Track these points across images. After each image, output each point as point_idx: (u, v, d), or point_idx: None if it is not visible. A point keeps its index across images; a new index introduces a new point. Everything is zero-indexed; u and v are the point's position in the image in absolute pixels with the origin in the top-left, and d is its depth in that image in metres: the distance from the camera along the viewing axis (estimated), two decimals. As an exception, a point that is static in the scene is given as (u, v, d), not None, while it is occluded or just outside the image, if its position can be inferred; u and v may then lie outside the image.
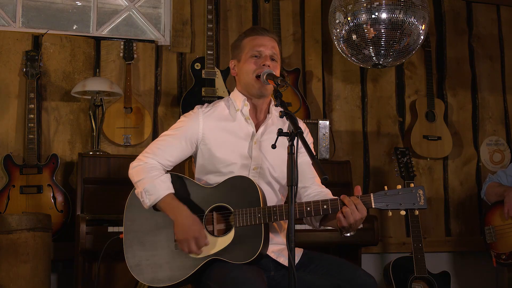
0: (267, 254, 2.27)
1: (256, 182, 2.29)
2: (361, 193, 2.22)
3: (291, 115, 2.10)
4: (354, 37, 3.57)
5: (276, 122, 2.46)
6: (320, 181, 2.46)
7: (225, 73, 4.09)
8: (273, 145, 2.11)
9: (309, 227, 2.51)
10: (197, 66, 4.06)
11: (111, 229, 3.24)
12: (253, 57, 2.41)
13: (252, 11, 4.46)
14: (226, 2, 4.39)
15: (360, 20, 3.51)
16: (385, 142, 4.63)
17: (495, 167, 4.76)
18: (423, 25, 3.58)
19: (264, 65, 2.38)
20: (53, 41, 3.99)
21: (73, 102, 3.96)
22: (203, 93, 4.01)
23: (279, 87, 2.26)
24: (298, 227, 3.28)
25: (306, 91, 4.48)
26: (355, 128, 4.58)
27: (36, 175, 3.69)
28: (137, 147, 3.94)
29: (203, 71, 4.05)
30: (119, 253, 2.36)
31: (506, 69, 4.99)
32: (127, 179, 2.42)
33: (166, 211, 2.30)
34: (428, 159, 4.63)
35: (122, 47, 4.06)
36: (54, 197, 3.69)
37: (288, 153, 2.02)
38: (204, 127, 2.41)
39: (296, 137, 2.02)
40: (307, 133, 2.52)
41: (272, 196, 2.39)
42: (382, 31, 3.50)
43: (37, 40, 3.94)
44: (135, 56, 4.08)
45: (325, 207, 2.20)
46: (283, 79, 2.28)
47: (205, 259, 2.24)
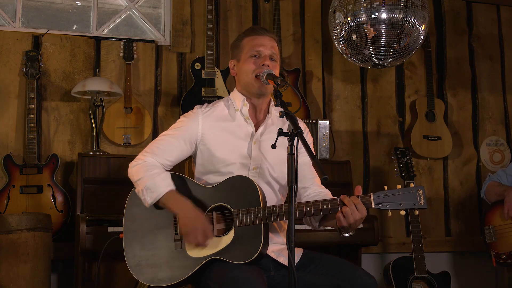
0: (267, 254, 2.27)
1: (256, 182, 2.29)
2: (361, 193, 2.22)
3: (291, 115, 2.10)
4: (354, 37, 3.57)
5: (275, 122, 2.46)
6: (319, 181, 2.46)
7: (225, 73, 4.09)
8: (273, 145, 2.10)
9: (309, 227, 2.50)
10: (197, 66, 4.06)
11: (111, 229, 3.24)
12: (252, 57, 2.41)
13: (252, 11, 4.46)
14: (226, 2, 4.39)
15: (360, 20, 3.51)
16: (385, 142, 4.63)
17: (495, 167, 4.76)
18: (423, 25, 3.58)
19: (263, 65, 2.38)
20: (53, 41, 3.99)
21: (73, 102, 3.96)
22: (203, 93, 4.01)
23: (279, 87, 2.26)
24: (298, 227, 3.28)
25: (306, 91, 4.48)
26: (355, 128, 4.58)
27: (36, 175, 3.69)
28: (137, 147, 3.94)
29: (203, 71, 4.05)
30: (119, 253, 2.36)
31: (506, 69, 4.99)
32: (127, 179, 2.42)
33: (169, 206, 2.29)
34: (428, 159, 4.63)
35: (122, 47, 4.06)
36: (54, 197, 3.69)
37: (288, 153, 2.01)
38: (203, 127, 2.41)
39: (296, 137, 2.02)
40: (307, 133, 2.51)
41: (272, 196, 2.39)
42: (382, 31, 3.50)
43: (37, 40, 3.94)
44: (135, 56, 4.08)
45: (325, 207, 2.20)
46: (283, 79, 2.28)
47: (205, 259, 2.24)
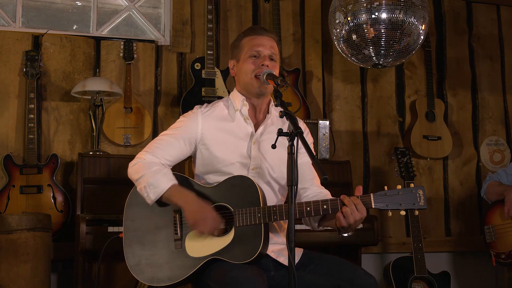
0: (267, 253, 2.27)
1: (256, 182, 2.29)
2: (362, 193, 2.21)
3: (291, 115, 2.10)
4: (354, 37, 3.57)
5: (275, 122, 2.46)
6: (319, 182, 2.46)
7: (225, 73, 4.08)
8: (273, 145, 2.10)
9: (308, 227, 2.50)
10: (197, 66, 4.06)
11: (111, 229, 3.24)
12: (251, 57, 2.41)
13: (252, 11, 4.46)
14: (226, 2, 4.39)
15: (360, 20, 3.51)
16: (385, 142, 4.63)
17: (495, 167, 4.76)
18: (423, 25, 3.58)
19: (262, 65, 2.38)
20: (53, 41, 3.99)
21: (73, 102, 3.96)
22: (203, 93, 4.01)
23: (279, 87, 2.26)
24: (298, 227, 3.27)
25: (306, 91, 4.47)
26: (355, 128, 4.58)
27: (36, 175, 3.69)
28: (137, 147, 3.94)
29: (203, 71, 4.05)
30: (119, 252, 2.36)
31: (506, 69, 4.99)
32: (127, 179, 2.42)
33: (174, 201, 2.28)
34: (428, 159, 4.63)
35: (122, 47, 4.06)
36: (54, 197, 3.69)
37: (288, 153, 2.01)
38: (203, 127, 2.41)
39: (296, 137, 2.02)
40: (307, 133, 2.51)
41: (271, 196, 2.39)
42: (382, 31, 3.50)
43: (37, 40, 3.94)
44: (135, 56, 4.08)
45: (325, 207, 2.20)
46: (283, 79, 2.28)
47: (205, 259, 2.24)
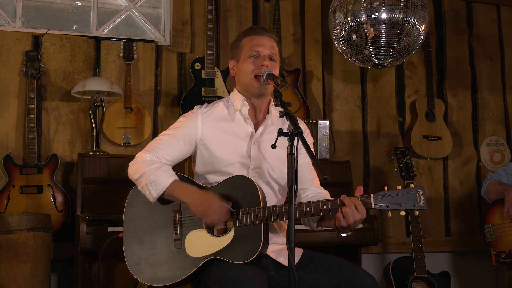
0: (267, 254, 2.27)
1: (256, 182, 2.29)
2: (362, 193, 2.21)
3: (291, 115, 2.10)
4: (354, 37, 3.57)
5: (275, 122, 2.46)
6: (318, 182, 2.47)
7: (225, 73, 4.08)
8: (273, 145, 2.10)
9: (307, 227, 2.50)
10: (197, 66, 4.06)
11: (111, 229, 3.24)
12: (251, 57, 2.41)
13: (252, 11, 4.46)
14: (226, 2, 4.39)
15: (360, 20, 3.51)
16: (385, 142, 4.63)
17: (495, 167, 4.76)
18: (423, 25, 3.58)
19: (262, 65, 2.38)
20: (53, 41, 3.99)
21: (73, 102, 3.96)
22: (203, 93, 4.01)
23: (279, 87, 2.26)
24: (298, 227, 3.27)
25: (306, 91, 4.47)
26: (355, 128, 4.58)
27: (36, 175, 3.69)
28: (137, 147, 3.94)
29: (203, 71, 4.05)
30: (119, 252, 2.36)
31: (506, 69, 4.99)
32: (127, 179, 2.42)
33: (176, 196, 2.28)
34: (428, 159, 4.63)
35: (122, 47, 4.06)
36: (54, 197, 3.69)
37: (288, 153, 2.01)
38: (202, 128, 2.41)
39: (296, 137, 2.02)
40: (307, 133, 2.51)
41: (271, 197, 2.39)
42: (382, 31, 3.50)
43: (37, 40, 3.94)
44: (135, 56, 4.08)
45: (325, 207, 2.20)
46: (283, 79, 2.28)
47: (205, 259, 2.24)
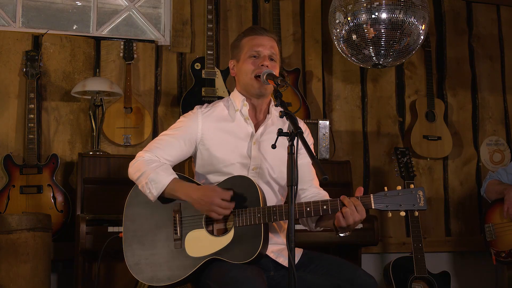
0: (266, 254, 2.27)
1: (256, 182, 2.29)
2: (362, 194, 2.21)
3: (291, 115, 2.10)
4: (354, 37, 3.57)
5: (276, 122, 2.46)
6: (318, 183, 2.48)
7: (225, 73, 4.08)
8: (273, 145, 2.10)
9: (305, 227, 2.51)
10: (197, 66, 4.06)
11: (111, 229, 3.24)
12: (251, 57, 2.41)
13: (252, 11, 4.46)
14: (226, 2, 4.39)
15: (360, 20, 3.51)
16: (385, 142, 4.63)
17: (495, 167, 4.76)
18: (423, 25, 3.58)
19: (262, 65, 2.38)
20: (53, 41, 3.99)
21: (73, 102, 3.96)
22: (203, 93, 4.01)
23: (279, 87, 2.26)
24: (298, 227, 3.25)
25: (306, 91, 4.47)
26: (355, 128, 4.58)
27: (36, 175, 3.69)
28: (137, 147, 3.94)
29: (203, 71, 4.05)
30: (119, 252, 2.36)
31: (506, 69, 4.99)
32: (127, 179, 2.42)
33: (176, 195, 2.29)
34: (428, 159, 4.63)
35: (122, 47, 4.06)
36: (54, 197, 3.69)
37: (288, 153, 2.01)
38: (203, 128, 2.41)
39: (296, 137, 2.02)
40: (307, 134, 2.51)
41: (271, 197, 2.39)
42: (382, 31, 3.50)
43: (37, 40, 3.94)
44: (135, 56, 4.08)
45: (325, 207, 2.20)
46: (283, 79, 2.28)
47: (204, 259, 2.24)
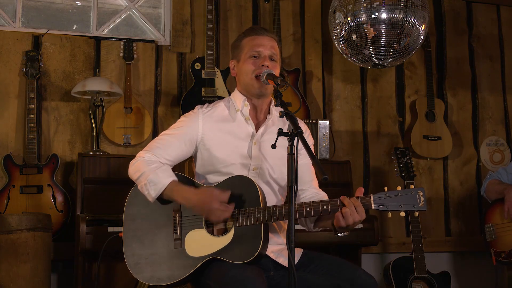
0: (266, 254, 2.27)
1: (256, 182, 2.29)
2: (362, 194, 2.21)
3: (291, 115, 2.10)
4: (354, 37, 3.57)
5: (276, 122, 2.46)
6: (317, 184, 2.48)
7: (225, 73, 4.08)
8: (273, 145, 2.10)
9: (304, 227, 2.51)
10: (197, 66, 4.06)
11: (111, 229, 3.24)
12: (252, 57, 2.40)
13: (252, 11, 4.46)
14: (226, 2, 4.39)
15: (360, 20, 3.51)
16: (385, 142, 4.63)
17: (495, 167, 4.76)
18: (423, 25, 3.58)
19: (263, 65, 2.38)
20: (53, 41, 3.99)
21: (73, 102, 3.96)
22: (203, 93, 4.01)
23: (279, 87, 2.26)
24: (298, 227, 3.26)
25: (306, 91, 4.47)
26: (355, 128, 4.58)
27: (36, 175, 3.69)
28: (137, 147, 3.94)
29: (203, 71, 4.05)
30: (119, 252, 2.36)
31: (506, 69, 4.99)
32: (127, 179, 2.42)
33: (174, 197, 2.29)
34: (428, 159, 4.63)
35: (122, 47, 4.06)
36: (54, 197, 3.69)
37: (288, 153, 2.01)
38: (203, 128, 2.41)
39: (296, 137, 2.02)
40: (308, 134, 2.51)
41: (271, 197, 2.39)
42: (382, 31, 3.50)
43: (37, 40, 3.94)
44: (135, 56, 4.08)
45: (325, 207, 2.20)
46: (283, 79, 2.28)
47: (204, 259, 2.24)
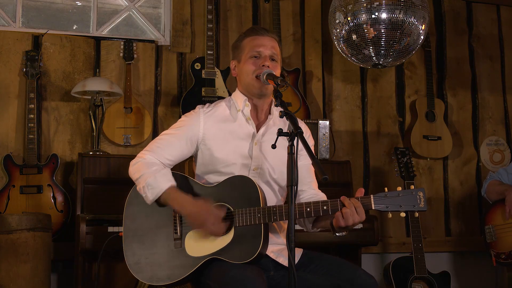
0: (266, 254, 2.27)
1: (256, 182, 2.29)
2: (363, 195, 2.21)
3: (291, 115, 2.09)
4: (354, 37, 3.57)
5: (277, 123, 2.45)
6: (317, 185, 2.48)
7: (225, 73, 4.08)
8: (273, 145, 2.10)
9: (302, 228, 2.51)
10: (197, 66, 4.06)
11: (111, 229, 3.24)
12: (252, 57, 2.40)
13: (252, 11, 4.46)
14: (226, 2, 4.39)
15: (360, 20, 3.51)
16: (385, 142, 4.63)
17: (495, 167, 4.76)
18: (423, 25, 3.58)
19: (263, 65, 2.38)
20: (53, 41, 3.99)
21: (73, 102, 3.96)
22: (203, 93, 4.01)
23: (279, 87, 2.26)
24: (298, 227, 3.27)
25: (306, 91, 4.47)
26: (355, 128, 4.58)
27: (36, 175, 3.69)
28: (137, 147, 3.94)
29: (203, 71, 4.05)
30: (119, 252, 2.36)
31: (506, 69, 4.99)
32: (127, 179, 2.42)
33: (171, 203, 2.29)
34: (428, 159, 4.63)
35: (122, 47, 4.06)
36: (54, 197, 3.69)
37: (288, 153, 2.01)
38: (204, 127, 2.40)
39: (296, 137, 2.02)
40: (308, 135, 2.51)
41: (271, 197, 2.39)
42: (382, 31, 3.50)
43: (37, 40, 3.94)
44: (135, 56, 4.08)
45: (325, 208, 2.20)
46: (283, 79, 2.28)
47: (204, 258, 2.24)
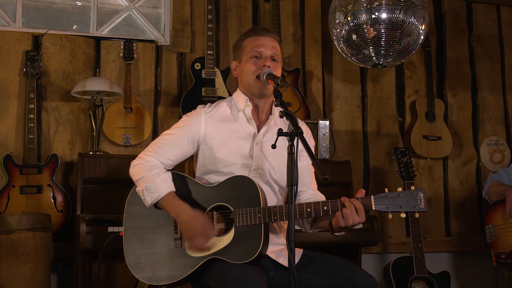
0: (266, 254, 2.27)
1: (256, 182, 2.29)
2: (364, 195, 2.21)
3: (291, 115, 2.10)
4: (354, 37, 3.57)
5: (278, 123, 2.45)
6: (316, 187, 2.49)
7: (225, 73, 4.08)
8: (273, 145, 2.10)
9: (301, 228, 2.51)
10: (197, 66, 4.06)
11: (111, 229, 3.24)
12: (253, 57, 2.41)
13: (252, 11, 4.46)
14: (226, 2, 4.39)
15: (360, 20, 3.51)
16: (385, 142, 4.63)
17: (495, 167, 4.76)
18: (423, 25, 3.58)
19: (264, 65, 2.38)
20: (53, 41, 3.99)
21: (73, 102, 3.96)
22: (203, 93, 4.01)
23: (279, 87, 2.26)
24: (298, 227, 3.27)
25: (306, 91, 4.47)
26: (355, 128, 4.58)
27: (36, 175, 3.69)
28: (137, 147, 3.94)
29: (203, 71, 4.05)
30: (119, 252, 2.36)
31: (506, 69, 4.99)
32: (127, 179, 2.42)
33: (167, 209, 2.30)
34: (428, 159, 4.63)
35: (122, 47, 4.06)
36: (54, 197, 3.69)
37: (288, 153, 2.01)
38: (206, 127, 2.41)
39: (296, 137, 2.02)
40: (309, 136, 2.51)
41: (272, 197, 2.39)
42: (382, 31, 3.50)
43: (37, 40, 3.94)
44: (135, 56, 4.08)
45: (326, 208, 2.20)
46: (283, 79, 2.28)
47: (204, 258, 2.24)
